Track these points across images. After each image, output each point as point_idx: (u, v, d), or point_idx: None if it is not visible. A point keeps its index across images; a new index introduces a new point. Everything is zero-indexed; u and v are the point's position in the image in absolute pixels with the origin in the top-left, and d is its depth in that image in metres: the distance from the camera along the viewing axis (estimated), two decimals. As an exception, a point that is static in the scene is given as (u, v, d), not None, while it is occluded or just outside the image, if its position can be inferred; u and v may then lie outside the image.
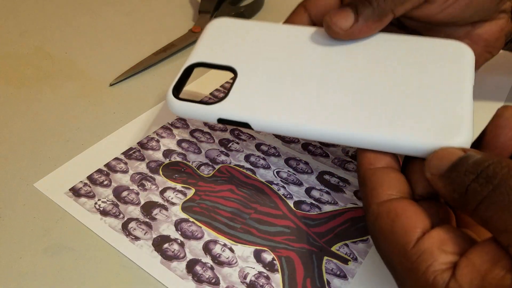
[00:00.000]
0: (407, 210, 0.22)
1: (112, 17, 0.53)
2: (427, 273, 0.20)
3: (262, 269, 0.28)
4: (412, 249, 0.20)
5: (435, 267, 0.20)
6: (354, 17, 0.28)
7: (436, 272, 0.19)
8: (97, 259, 0.28)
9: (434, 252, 0.20)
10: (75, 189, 0.32)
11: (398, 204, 0.22)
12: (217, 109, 0.28)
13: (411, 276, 0.20)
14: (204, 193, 0.32)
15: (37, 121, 0.38)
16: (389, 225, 0.22)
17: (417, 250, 0.20)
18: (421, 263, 0.20)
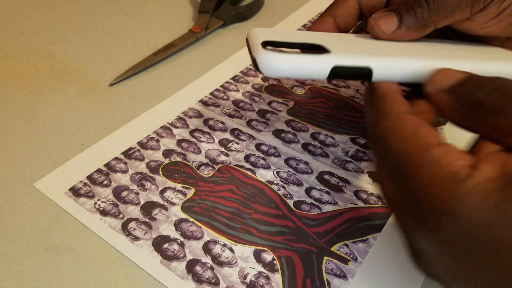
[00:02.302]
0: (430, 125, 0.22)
1: (112, 17, 0.53)
2: (450, 165, 0.20)
3: (262, 269, 0.28)
4: (436, 146, 0.20)
5: (459, 162, 0.20)
6: (398, 24, 0.28)
7: (460, 165, 0.19)
8: (97, 259, 0.28)
9: (457, 152, 0.20)
10: (75, 189, 0.32)
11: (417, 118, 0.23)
12: (330, 57, 0.24)
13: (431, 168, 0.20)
14: (204, 193, 0.32)
15: (37, 121, 0.38)
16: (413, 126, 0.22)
17: (441, 148, 0.20)
18: (445, 157, 0.20)
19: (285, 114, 0.39)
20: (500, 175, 0.19)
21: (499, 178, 0.19)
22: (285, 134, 0.37)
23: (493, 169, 0.19)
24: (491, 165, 0.19)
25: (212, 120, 0.38)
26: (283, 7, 0.56)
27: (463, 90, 0.22)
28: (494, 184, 0.19)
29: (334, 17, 0.32)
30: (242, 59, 0.46)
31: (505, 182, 0.18)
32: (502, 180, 0.19)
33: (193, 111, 0.39)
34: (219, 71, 0.44)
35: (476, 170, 0.19)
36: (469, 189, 0.19)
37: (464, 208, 0.19)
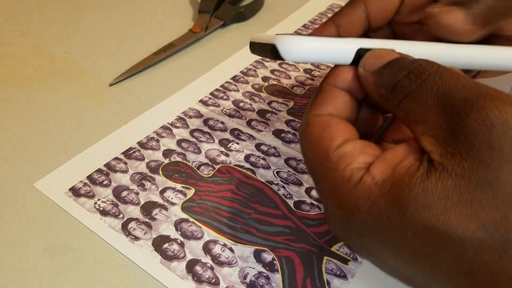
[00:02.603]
0: (339, 123, 0.22)
1: (112, 17, 0.53)
2: (345, 170, 0.20)
3: (262, 269, 0.28)
4: (335, 151, 0.21)
5: (353, 165, 0.20)
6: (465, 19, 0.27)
7: (353, 169, 0.20)
8: (97, 259, 0.28)
9: (355, 154, 0.21)
10: (75, 189, 0.32)
11: (332, 118, 0.23)
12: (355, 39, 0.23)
13: (330, 174, 0.21)
14: (204, 193, 0.32)
15: (37, 121, 0.38)
16: (318, 132, 0.22)
17: (339, 152, 0.21)
18: (341, 163, 0.21)
19: (285, 114, 0.39)
20: (386, 179, 0.19)
21: (385, 182, 0.19)
22: (285, 134, 0.37)
23: (383, 170, 0.19)
24: (383, 165, 0.20)
25: (212, 120, 0.38)
26: (283, 7, 0.56)
27: (386, 71, 0.21)
28: (379, 189, 0.19)
29: (337, 26, 0.30)
30: (242, 59, 0.46)
31: (390, 186, 0.19)
32: (387, 185, 0.19)
33: (193, 111, 0.39)
34: (219, 71, 0.44)
35: (368, 173, 0.20)
36: (360, 195, 0.19)
37: (359, 213, 0.19)
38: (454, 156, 0.17)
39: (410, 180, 0.18)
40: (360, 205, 0.19)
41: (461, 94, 0.18)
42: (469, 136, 0.17)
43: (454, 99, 0.18)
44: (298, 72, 0.45)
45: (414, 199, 0.18)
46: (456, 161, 0.17)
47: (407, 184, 0.18)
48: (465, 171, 0.17)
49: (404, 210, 0.18)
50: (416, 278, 0.19)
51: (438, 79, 0.19)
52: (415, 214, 0.17)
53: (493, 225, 0.16)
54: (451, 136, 0.18)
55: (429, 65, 0.20)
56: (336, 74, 0.23)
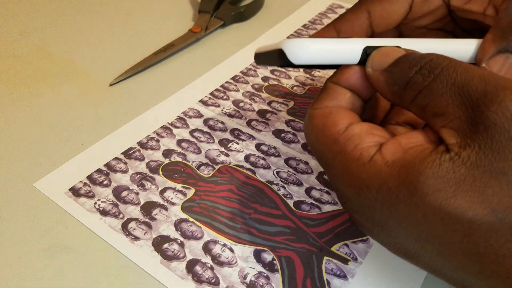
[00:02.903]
0: (340, 109, 0.23)
1: (112, 17, 0.53)
2: (355, 150, 0.21)
3: (262, 269, 0.28)
4: (342, 134, 0.22)
5: (362, 145, 0.21)
6: None
7: (363, 148, 0.21)
8: (97, 259, 0.28)
9: (362, 135, 0.21)
10: (75, 189, 0.32)
11: (333, 107, 0.23)
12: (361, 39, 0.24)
13: (339, 157, 0.21)
14: (204, 193, 0.32)
15: (37, 121, 0.38)
16: (321, 121, 0.23)
17: (346, 135, 0.21)
18: (349, 144, 0.21)
19: (285, 114, 0.39)
20: (397, 160, 0.19)
21: (395, 163, 0.19)
22: (285, 134, 0.37)
23: (394, 152, 0.20)
24: (395, 147, 0.20)
25: (212, 120, 0.38)
26: (283, 7, 0.56)
27: (397, 69, 0.22)
28: (389, 169, 0.19)
29: (338, 31, 0.29)
30: (242, 59, 0.46)
31: (400, 167, 0.19)
32: (397, 166, 0.19)
33: (193, 111, 0.39)
34: (219, 71, 0.44)
35: (379, 152, 0.20)
36: (370, 173, 0.20)
37: (369, 191, 0.20)
38: (473, 147, 0.18)
39: (421, 164, 0.18)
40: (370, 183, 0.20)
41: (480, 87, 0.18)
42: (489, 128, 0.17)
43: (473, 91, 0.18)
44: (298, 72, 0.45)
45: (423, 182, 0.18)
46: (474, 152, 0.18)
47: (417, 167, 0.18)
48: (481, 161, 0.17)
49: (413, 192, 0.18)
50: (423, 256, 0.20)
51: (452, 73, 0.19)
52: (424, 196, 0.18)
53: (503, 211, 0.17)
54: (471, 128, 0.18)
55: (440, 59, 0.20)
56: (340, 73, 0.24)
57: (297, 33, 0.51)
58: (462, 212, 0.17)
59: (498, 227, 0.17)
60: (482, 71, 0.19)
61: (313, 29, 0.51)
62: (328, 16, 0.54)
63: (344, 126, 0.22)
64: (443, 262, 0.19)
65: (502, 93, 0.17)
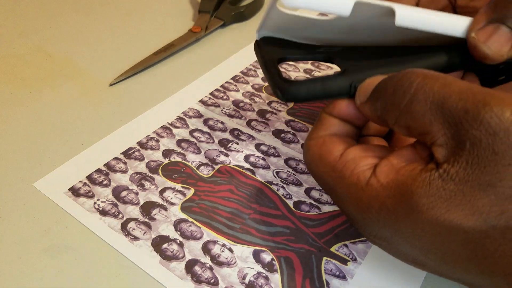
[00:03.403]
0: (333, 138, 0.24)
1: (112, 17, 0.53)
2: (352, 175, 0.22)
3: (261, 269, 0.28)
4: (338, 161, 0.23)
5: (357, 169, 0.22)
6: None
7: (359, 172, 0.22)
8: (96, 259, 0.28)
9: (356, 159, 0.22)
10: (75, 188, 0.32)
11: (326, 136, 0.25)
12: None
13: (340, 183, 0.23)
14: (203, 193, 0.32)
15: (37, 121, 0.38)
16: (317, 151, 0.24)
17: (342, 161, 0.23)
18: (346, 170, 0.22)
19: (285, 114, 0.39)
20: (390, 182, 0.21)
21: (389, 184, 0.21)
22: (285, 134, 0.37)
23: (387, 173, 0.21)
24: (388, 168, 0.21)
25: (212, 120, 0.38)
26: (283, 7, 0.56)
27: (376, 95, 0.22)
28: (385, 191, 0.21)
29: None
30: (242, 59, 0.46)
31: (394, 189, 0.20)
32: (391, 187, 0.20)
33: (193, 111, 0.39)
34: (219, 71, 0.44)
35: (374, 175, 0.21)
36: (369, 196, 0.21)
37: (371, 213, 0.21)
38: (461, 163, 0.19)
39: (413, 184, 0.19)
40: (371, 205, 0.21)
41: (460, 105, 0.19)
42: (475, 145, 0.18)
43: (453, 109, 0.19)
44: (298, 72, 0.45)
45: (417, 201, 0.19)
46: (462, 168, 0.19)
47: (410, 187, 0.20)
48: (469, 177, 0.18)
49: (410, 211, 0.20)
50: (430, 264, 0.21)
51: (428, 91, 0.20)
52: (421, 214, 0.19)
53: (494, 218, 0.18)
54: (458, 144, 0.19)
55: (413, 77, 0.20)
56: (333, 105, 0.25)
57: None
58: (457, 224, 0.19)
59: (491, 233, 0.18)
60: (459, 85, 0.19)
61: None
62: (328, 16, 0.54)
63: (339, 153, 0.23)
64: (448, 267, 0.21)
65: (483, 110, 0.18)
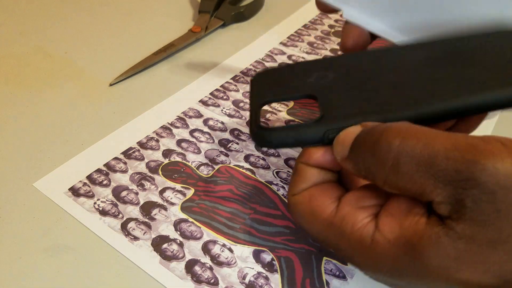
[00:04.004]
0: (318, 190, 0.23)
1: (112, 17, 0.53)
2: (353, 232, 0.21)
3: (261, 269, 0.28)
4: (335, 217, 0.22)
5: (358, 224, 0.21)
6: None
7: (360, 228, 0.21)
8: (96, 259, 0.28)
9: (353, 212, 0.21)
10: (75, 188, 0.32)
11: (311, 189, 0.24)
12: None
13: (342, 240, 0.22)
14: (203, 193, 0.32)
15: (37, 121, 0.38)
16: (307, 208, 0.23)
17: (339, 216, 0.22)
18: (346, 226, 0.21)
19: (284, 114, 0.39)
20: (397, 238, 0.20)
21: (396, 241, 0.20)
22: (285, 134, 0.37)
23: (391, 228, 0.20)
24: (390, 221, 0.20)
25: (212, 120, 0.38)
26: (283, 7, 0.56)
27: (355, 155, 0.21)
28: (395, 248, 0.20)
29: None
30: (242, 59, 0.46)
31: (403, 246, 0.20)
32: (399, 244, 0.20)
33: (193, 111, 0.39)
34: (219, 71, 0.44)
35: (377, 231, 0.20)
36: (378, 255, 0.20)
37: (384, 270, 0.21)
38: (464, 220, 0.18)
39: (420, 242, 0.19)
40: (382, 263, 0.21)
41: (450, 166, 0.18)
42: (475, 203, 0.18)
43: (444, 171, 0.18)
44: (298, 72, 0.45)
45: (427, 261, 0.19)
46: (467, 225, 0.18)
47: (418, 246, 0.19)
48: (476, 235, 0.18)
49: (421, 269, 0.19)
50: None
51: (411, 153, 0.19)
52: (432, 272, 0.19)
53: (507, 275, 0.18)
54: (459, 201, 0.18)
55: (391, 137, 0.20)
56: (307, 154, 0.24)
57: (297, 33, 0.51)
58: (470, 283, 0.18)
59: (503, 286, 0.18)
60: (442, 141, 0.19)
61: (313, 29, 0.51)
62: (329, 16, 0.54)
63: (332, 206, 0.22)
64: None
65: (475, 170, 0.18)
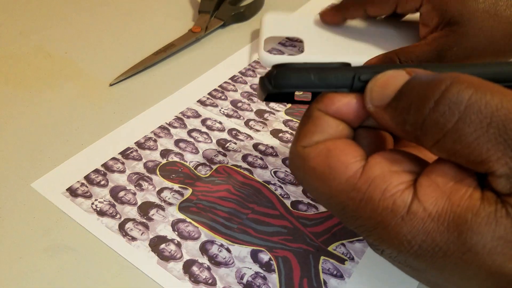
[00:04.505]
0: (340, 144, 0.19)
1: (112, 17, 0.53)
2: (384, 199, 0.17)
3: (259, 269, 0.28)
4: (360, 179, 0.18)
5: (391, 191, 0.17)
6: None
7: (395, 194, 0.17)
8: (96, 259, 0.28)
9: (386, 176, 0.18)
10: (72, 189, 0.32)
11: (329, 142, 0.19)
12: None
13: (366, 207, 0.18)
14: (201, 193, 0.32)
15: (37, 121, 0.38)
16: (322, 163, 0.19)
17: (367, 178, 0.18)
18: (374, 191, 0.18)
19: (283, 114, 0.39)
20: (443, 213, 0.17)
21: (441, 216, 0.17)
22: (283, 134, 0.37)
23: (436, 200, 0.17)
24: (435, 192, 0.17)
25: (210, 120, 0.38)
26: (283, 7, 0.56)
27: (403, 104, 0.18)
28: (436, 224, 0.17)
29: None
30: (240, 59, 0.46)
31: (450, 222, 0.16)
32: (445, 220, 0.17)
33: (191, 111, 0.39)
34: (218, 71, 0.44)
35: (416, 200, 0.17)
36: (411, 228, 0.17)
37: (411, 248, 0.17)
38: None
39: (474, 220, 0.16)
40: (411, 238, 0.17)
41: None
42: None
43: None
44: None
45: (478, 242, 0.16)
46: None
47: (470, 224, 0.16)
48: None
49: (465, 251, 0.16)
50: None
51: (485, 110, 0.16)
52: (479, 257, 0.16)
53: None
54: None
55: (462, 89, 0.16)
56: (328, 100, 0.20)
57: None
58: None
59: None
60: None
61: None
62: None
63: (357, 166, 0.18)
64: None
65: None
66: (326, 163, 0.19)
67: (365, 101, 0.19)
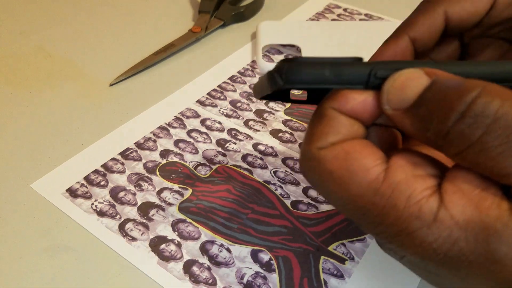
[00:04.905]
0: (358, 146, 0.18)
1: (112, 17, 0.53)
2: (410, 206, 0.17)
3: (259, 269, 0.28)
4: (384, 183, 0.17)
5: (416, 197, 0.17)
6: None
7: (421, 201, 0.17)
8: (96, 260, 0.28)
9: (410, 180, 0.17)
10: (72, 189, 0.32)
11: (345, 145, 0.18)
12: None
13: (389, 214, 0.17)
14: (201, 193, 0.32)
15: (37, 121, 0.38)
16: (342, 166, 0.18)
17: (390, 183, 0.17)
18: (399, 196, 0.17)
19: (282, 113, 0.39)
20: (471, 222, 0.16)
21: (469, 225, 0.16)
22: (283, 134, 0.37)
23: (463, 208, 0.16)
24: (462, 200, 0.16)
25: (209, 120, 0.38)
26: (283, 7, 0.56)
27: (425, 111, 0.17)
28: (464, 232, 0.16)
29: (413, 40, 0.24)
30: (239, 59, 0.46)
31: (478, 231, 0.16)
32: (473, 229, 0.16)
33: (190, 111, 0.39)
34: (217, 71, 0.44)
35: (443, 207, 0.16)
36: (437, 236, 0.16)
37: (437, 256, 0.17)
38: None
39: (504, 230, 0.15)
40: (440, 247, 0.16)
41: None
42: None
43: None
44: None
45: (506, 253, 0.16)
46: None
47: (501, 236, 0.16)
48: None
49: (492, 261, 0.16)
50: None
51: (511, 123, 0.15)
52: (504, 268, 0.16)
53: None
54: None
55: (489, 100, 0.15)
56: (342, 97, 0.19)
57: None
58: None
59: None
60: None
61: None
62: (325, 16, 0.54)
63: (379, 170, 0.18)
64: None
65: None
66: (344, 166, 0.18)
67: (381, 101, 0.18)
